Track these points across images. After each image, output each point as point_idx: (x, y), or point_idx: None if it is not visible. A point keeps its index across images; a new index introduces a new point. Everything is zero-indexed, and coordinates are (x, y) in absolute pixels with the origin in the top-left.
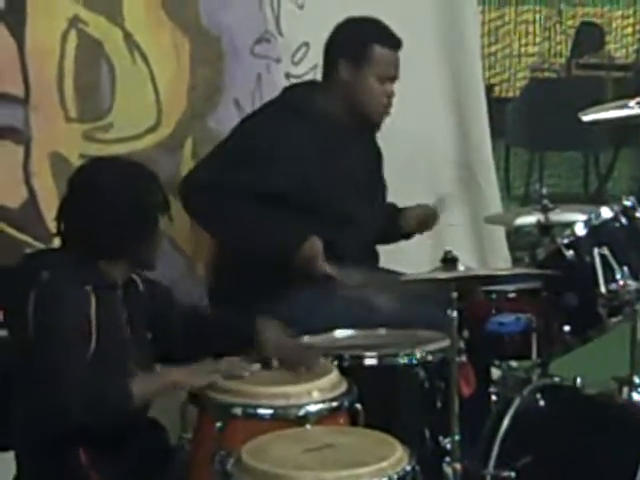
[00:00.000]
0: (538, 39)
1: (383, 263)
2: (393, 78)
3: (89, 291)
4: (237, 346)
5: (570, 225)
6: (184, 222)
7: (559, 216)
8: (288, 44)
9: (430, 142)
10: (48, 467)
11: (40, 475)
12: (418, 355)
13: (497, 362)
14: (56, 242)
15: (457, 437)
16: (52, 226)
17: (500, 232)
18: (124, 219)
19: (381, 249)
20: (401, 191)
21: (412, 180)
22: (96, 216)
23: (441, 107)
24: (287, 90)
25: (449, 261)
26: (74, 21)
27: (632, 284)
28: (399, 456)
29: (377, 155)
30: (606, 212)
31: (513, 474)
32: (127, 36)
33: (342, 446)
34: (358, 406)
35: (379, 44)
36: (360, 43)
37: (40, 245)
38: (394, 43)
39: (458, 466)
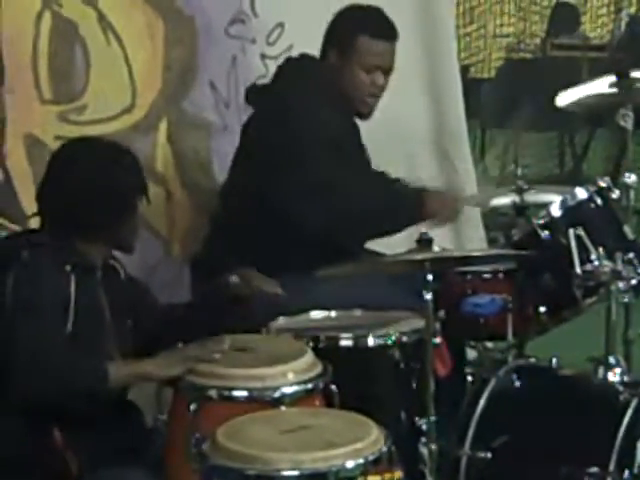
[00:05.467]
0: (513, 19)
1: None
2: (383, 69)
3: (69, 271)
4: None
5: (545, 206)
6: (159, 203)
7: (534, 197)
8: (263, 25)
9: (405, 124)
10: (23, 448)
11: (15, 456)
12: (393, 336)
13: (473, 343)
14: (31, 223)
15: (433, 418)
16: (27, 208)
17: (475, 213)
18: (102, 200)
19: None
20: None
21: (388, 162)
22: (74, 196)
23: (416, 88)
24: (307, 67)
25: (424, 242)
26: (48, 2)
27: (607, 265)
28: (375, 437)
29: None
30: (581, 193)
31: (489, 454)
32: (101, 17)
33: (317, 427)
34: (333, 387)
35: (367, 35)
36: (347, 33)
37: (15, 227)
38: (384, 34)
39: (434, 447)
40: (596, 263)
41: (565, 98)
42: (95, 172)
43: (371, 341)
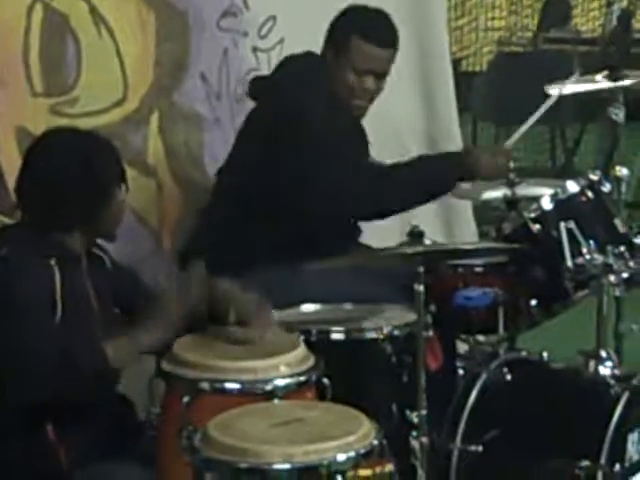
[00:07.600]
0: (505, 13)
1: None
2: (376, 74)
3: (52, 264)
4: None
5: (537, 199)
6: (149, 195)
7: (526, 190)
8: (254, 18)
9: (397, 117)
10: (16, 444)
11: (7, 452)
12: (385, 329)
13: (464, 336)
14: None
15: (424, 411)
16: None
17: (467, 206)
18: (78, 190)
19: None
20: None
21: (379, 156)
22: (50, 186)
23: (408, 82)
24: (308, 63)
25: (415, 235)
26: None
27: (598, 258)
28: (366, 430)
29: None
30: (573, 186)
31: (480, 448)
32: (93, 10)
33: (309, 421)
34: (325, 380)
35: (360, 37)
36: (343, 34)
37: (7, 220)
38: (380, 40)
39: (425, 440)
40: (587, 256)
41: (557, 91)
42: (70, 161)
43: (363, 334)
